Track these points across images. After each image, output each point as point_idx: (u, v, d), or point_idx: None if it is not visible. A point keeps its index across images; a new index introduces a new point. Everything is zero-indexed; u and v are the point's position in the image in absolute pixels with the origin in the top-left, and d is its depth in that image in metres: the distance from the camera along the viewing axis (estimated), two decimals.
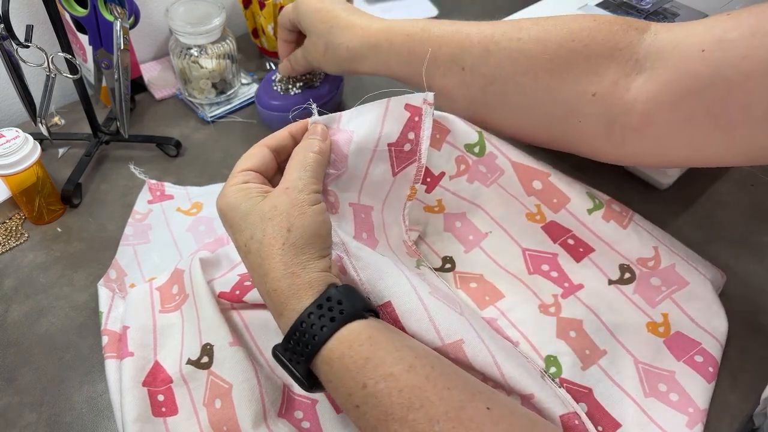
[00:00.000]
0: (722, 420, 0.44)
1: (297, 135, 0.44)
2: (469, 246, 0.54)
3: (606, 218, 0.48)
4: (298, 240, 0.37)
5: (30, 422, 0.45)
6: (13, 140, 0.54)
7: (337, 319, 0.35)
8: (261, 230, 0.37)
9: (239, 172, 0.41)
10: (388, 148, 0.46)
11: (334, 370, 0.35)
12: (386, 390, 0.33)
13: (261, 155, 0.42)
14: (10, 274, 0.55)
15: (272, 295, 0.37)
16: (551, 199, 0.49)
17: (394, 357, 0.34)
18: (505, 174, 0.50)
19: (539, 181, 0.49)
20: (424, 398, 0.32)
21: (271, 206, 0.38)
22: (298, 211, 0.37)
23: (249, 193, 0.39)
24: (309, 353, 0.35)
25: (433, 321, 0.40)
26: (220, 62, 0.69)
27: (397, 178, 0.48)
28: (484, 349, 0.40)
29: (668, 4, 0.71)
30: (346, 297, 0.36)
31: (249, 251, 0.38)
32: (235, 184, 0.40)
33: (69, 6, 0.57)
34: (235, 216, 0.39)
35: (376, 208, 0.48)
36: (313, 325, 0.35)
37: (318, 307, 0.35)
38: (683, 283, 0.48)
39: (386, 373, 0.33)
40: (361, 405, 0.34)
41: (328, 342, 0.35)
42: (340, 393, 0.35)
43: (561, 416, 0.40)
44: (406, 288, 0.41)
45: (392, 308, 0.41)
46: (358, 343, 0.35)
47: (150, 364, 0.46)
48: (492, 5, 0.91)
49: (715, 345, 0.47)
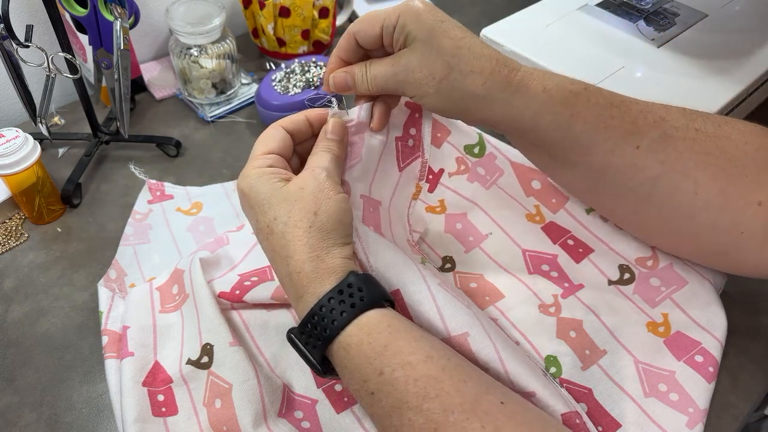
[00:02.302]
0: (722, 420, 0.44)
1: (314, 122, 0.43)
2: (469, 246, 0.54)
3: (603, 219, 0.48)
4: (325, 224, 0.36)
5: (30, 422, 0.45)
6: (13, 140, 0.54)
7: (357, 306, 0.35)
8: (286, 211, 0.37)
9: (261, 155, 0.40)
10: (395, 141, 0.46)
11: (351, 356, 0.35)
12: (403, 378, 0.33)
13: (281, 137, 0.41)
14: (10, 274, 0.55)
15: (294, 278, 0.36)
16: (550, 199, 0.49)
17: (412, 346, 0.34)
18: (505, 174, 0.50)
19: (538, 181, 0.49)
20: (440, 389, 0.33)
21: (297, 188, 0.37)
22: (325, 196, 0.37)
23: (272, 177, 0.39)
24: (327, 338, 0.35)
25: (441, 312, 0.40)
26: (220, 62, 0.69)
27: (403, 173, 0.48)
28: (489, 344, 0.40)
29: (668, 4, 0.71)
30: (366, 285, 0.36)
31: (272, 232, 0.37)
32: (258, 167, 0.39)
33: (69, 6, 0.57)
34: (258, 197, 0.38)
35: (384, 204, 0.48)
36: (333, 310, 0.35)
37: (339, 293, 0.35)
38: (683, 282, 0.48)
39: (404, 361, 0.34)
40: (376, 392, 0.34)
41: (347, 327, 0.35)
42: (356, 379, 0.35)
43: (562, 415, 0.40)
44: (416, 277, 0.42)
45: (401, 296, 0.41)
46: (378, 330, 0.35)
47: (150, 364, 0.46)
48: (491, 5, 0.91)
49: (715, 345, 0.47)
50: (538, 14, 0.70)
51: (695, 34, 0.67)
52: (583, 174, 0.43)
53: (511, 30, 0.68)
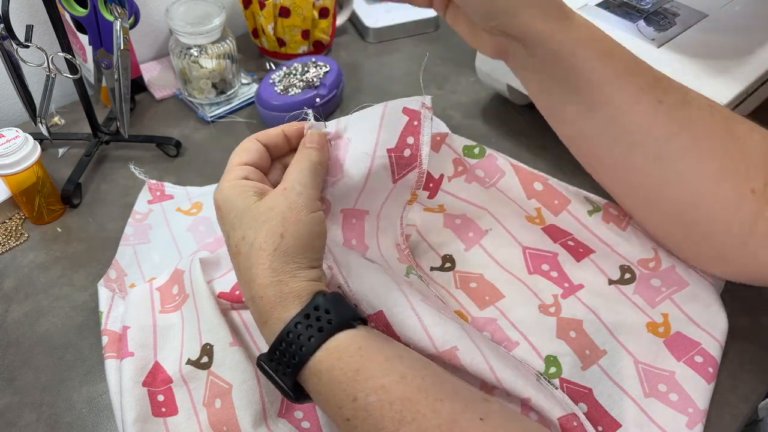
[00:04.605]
0: (722, 420, 0.44)
1: (291, 136, 0.42)
2: (470, 244, 0.54)
3: (605, 220, 0.48)
4: (289, 248, 0.36)
5: (30, 422, 0.45)
6: (13, 140, 0.54)
7: (325, 329, 0.34)
8: (254, 232, 0.36)
9: (236, 166, 0.40)
10: (388, 154, 0.44)
11: (323, 382, 0.34)
12: (378, 403, 0.32)
13: (256, 149, 0.41)
14: (10, 274, 0.55)
15: (257, 302, 0.36)
16: (552, 201, 0.49)
17: (384, 368, 0.33)
18: (506, 176, 0.49)
19: (540, 183, 0.49)
20: (416, 411, 0.32)
21: (267, 207, 0.37)
22: (294, 217, 0.36)
23: (246, 191, 0.38)
24: (296, 364, 0.34)
25: (426, 329, 0.40)
26: (220, 62, 0.69)
27: (398, 185, 0.46)
28: (479, 355, 0.40)
29: (668, 4, 0.71)
30: (334, 306, 0.35)
31: (239, 252, 0.37)
32: (233, 180, 0.39)
33: (69, 6, 0.57)
34: (230, 213, 0.37)
35: (372, 212, 0.47)
36: (300, 335, 0.34)
37: (305, 317, 0.34)
38: (684, 284, 0.48)
39: (377, 385, 0.33)
40: (351, 418, 0.33)
41: (317, 353, 0.34)
42: (330, 405, 0.34)
43: (560, 418, 0.40)
44: (398, 297, 0.41)
45: (384, 317, 0.41)
46: (348, 354, 0.34)
47: (150, 364, 0.46)
48: None
49: (714, 345, 0.47)
50: None
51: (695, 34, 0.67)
52: (602, 120, 0.43)
53: None
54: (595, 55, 0.42)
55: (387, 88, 0.77)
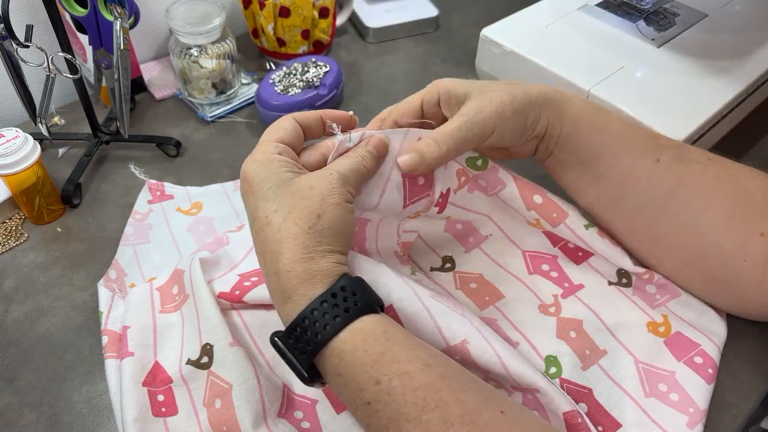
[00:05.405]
0: (722, 420, 0.44)
1: (329, 121, 0.42)
2: (470, 246, 0.54)
3: (601, 235, 0.49)
4: (325, 229, 0.35)
5: (30, 422, 0.45)
6: (13, 140, 0.54)
7: (351, 310, 0.34)
8: (289, 206, 0.36)
9: (271, 141, 0.39)
10: (402, 179, 0.44)
11: (345, 363, 0.33)
12: (401, 388, 0.32)
13: (293, 128, 0.40)
14: (10, 274, 0.55)
15: (282, 277, 0.35)
16: (551, 214, 0.49)
17: (409, 354, 0.33)
18: (507, 188, 0.49)
19: (539, 196, 0.49)
20: (440, 399, 0.32)
21: (307, 186, 0.36)
22: (334, 201, 0.36)
23: (282, 166, 0.37)
24: (318, 342, 0.34)
25: (437, 323, 0.40)
26: (220, 62, 0.69)
27: (406, 209, 0.46)
28: (489, 348, 0.40)
29: (668, 4, 0.71)
30: (360, 289, 0.35)
31: (269, 223, 0.36)
32: (267, 153, 0.38)
33: (69, 6, 0.57)
34: (263, 184, 0.37)
35: (373, 221, 0.47)
36: (325, 314, 0.33)
37: (332, 296, 0.34)
38: (676, 293, 0.49)
39: (402, 370, 0.32)
40: (372, 402, 0.32)
41: (341, 333, 0.33)
42: (350, 388, 0.33)
43: (565, 413, 0.40)
44: (407, 292, 0.41)
45: (394, 312, 0.41)
46: (373, 336, 0.33)
47: (150, 364, 0.46)
48: (492, 5, 0.91)
49: (713, 348, 0.47)
50: (538, 14, 0.70)
51: (695, 34, 0.67)
52: (608, 185, 0.46)
53: (511, 30, 0.67)
54: (595, 125, 0.45)
55: (387, 88, 0.77)
